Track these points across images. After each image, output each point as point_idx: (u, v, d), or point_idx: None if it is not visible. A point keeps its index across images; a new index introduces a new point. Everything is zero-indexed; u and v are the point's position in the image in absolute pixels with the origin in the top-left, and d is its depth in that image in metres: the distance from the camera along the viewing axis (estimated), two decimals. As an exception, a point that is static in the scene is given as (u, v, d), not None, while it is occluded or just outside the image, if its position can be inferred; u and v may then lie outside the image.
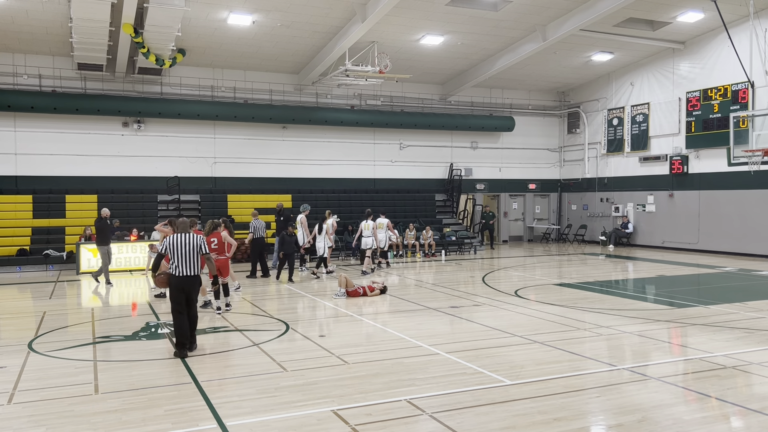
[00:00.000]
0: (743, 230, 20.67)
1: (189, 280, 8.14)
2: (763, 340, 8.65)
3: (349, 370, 7.27)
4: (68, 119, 20.65)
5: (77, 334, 9.55)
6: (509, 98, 27.29)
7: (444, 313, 11.04)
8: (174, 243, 8.16)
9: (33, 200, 19.94)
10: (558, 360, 7.65)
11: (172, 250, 8.14)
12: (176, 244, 8.15)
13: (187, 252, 8.13)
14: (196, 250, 8.22)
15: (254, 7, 17.60)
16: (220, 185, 22.67)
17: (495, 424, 5.50)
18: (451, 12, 18.62)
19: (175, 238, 8.20)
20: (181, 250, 8.11)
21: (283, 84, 23.39)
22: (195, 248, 8.21)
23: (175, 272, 8.10)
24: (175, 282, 8.12)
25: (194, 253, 8.19)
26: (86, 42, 17.71)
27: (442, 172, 26.43)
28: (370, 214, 17.60)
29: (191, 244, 8.20)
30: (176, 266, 8.07)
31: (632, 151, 24.92)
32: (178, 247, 8.13)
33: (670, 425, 5.48)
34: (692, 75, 22.29)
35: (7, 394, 6.44)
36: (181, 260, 8.07)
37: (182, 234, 8.31)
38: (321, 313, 11.22)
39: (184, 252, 8.12)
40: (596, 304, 11.67)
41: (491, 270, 17.54)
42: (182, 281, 8.11)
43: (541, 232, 28.34)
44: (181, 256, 8.09)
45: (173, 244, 8.16)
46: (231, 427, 5.43)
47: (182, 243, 8.15)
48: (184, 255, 8.09)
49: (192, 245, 8.20)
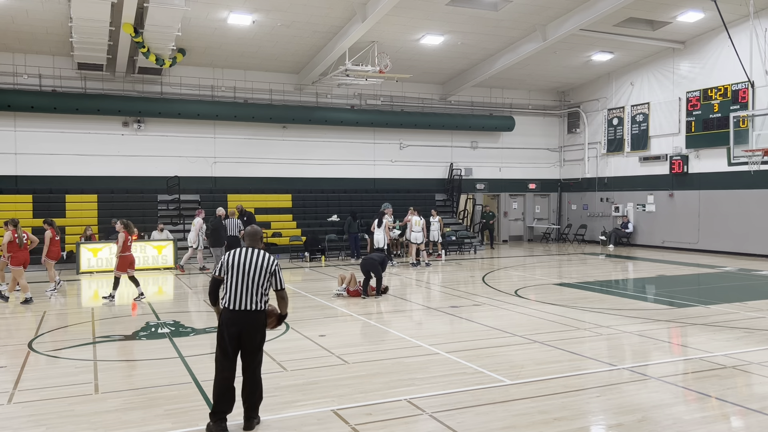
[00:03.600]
0: (743, 230, 20.67)
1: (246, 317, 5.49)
2: (763, 340, 8.65)
3: (349, 370, 7.26)
4: (68, 119, 20.66)
5: (77, 333, 9.55)
6: (509, 98, 27.29)
7: (444, 312, 11.04)
8: (232, 260, 5.58)
9: (33, 200, 19.95)
10: (558, 360, 7.65)
11: (228, 269, 5.57)
12: (236, 262, 5.56)
13: (248, 276, 5.51)
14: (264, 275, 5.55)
15: (254, 6, 17.60)
16: (220, 185, 22.67)
17: (495, 424, 5.50)
18: (451, 12, 18.62)
19: (237, 253, 5.64)
20: (241, 272, 5.51)
21: (283, 84, 23.39)
22: (262, 272, 5.54)
23: (228, 304, 5.53)
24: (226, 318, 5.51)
25: (258, 278, 5.52)
26: (86, 42, 17.71)
27: (442, 171, 26.43)
28: (417, 212, 18.75)
29: (258, 266, 5.55)
30: (230, 295, 5.51)
31: (632, 150, 24.92)
32: (237, 266, 5.54)
33: (670, 425, 5.48)
34: (692, 75, 22.29)
35: (7, 394, 6.43)
36: (238, 287, 5.49)
37: (248, 249, 5.68)
38: (321, 313, 11.22)
39: (245, 275, 5.50)
40: (596, 304, 11.67)
41: (491, 270, 17.54)
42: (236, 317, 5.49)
43: (541, 231, 28.34)
44: (238, 282, 5.49)
45: (231, 262, 5.57)
46: (231, 426, 5.42)
47: (244, 262, 5.56)
48: (243, 280, 5.49)
49: (259, 267, 5.55)
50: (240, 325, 5.42)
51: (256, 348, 5.51)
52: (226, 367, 5.43)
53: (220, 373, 5.43)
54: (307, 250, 20.38)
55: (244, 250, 5.60)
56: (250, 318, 5.45)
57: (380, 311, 11.40)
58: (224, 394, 5.39)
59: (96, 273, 17.08)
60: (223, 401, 5.38)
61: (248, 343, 5.47)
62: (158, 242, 18.20)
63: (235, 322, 5.42)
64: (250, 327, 5.45)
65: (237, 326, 5.42)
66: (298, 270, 17.82)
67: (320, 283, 15.23)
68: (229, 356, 5.43)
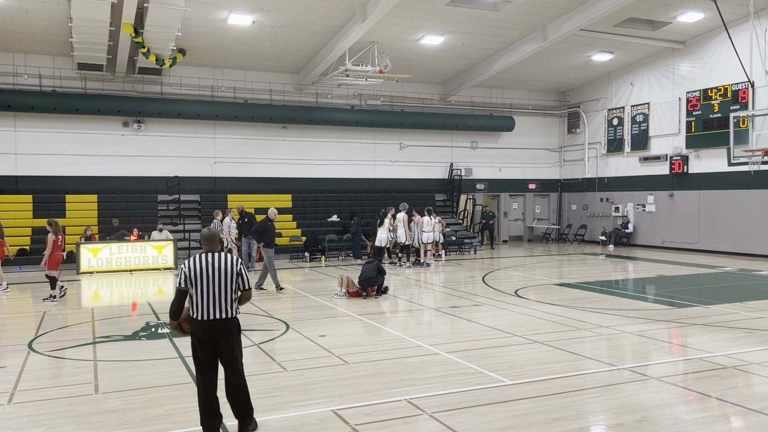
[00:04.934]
0: (743, 230, 20.67)
1: (218, 326, 5.25)
2: (763, 340, 8.65)
3: (349, 370, 7.26)
4: (68, 119, 20.66)
5: (77, 334, 9.55)
6: (509, 98, 27.29)
7: (444, 313, 11.04)
8: (195, 268, 5.25)
9: (33, 200, 19.97)
10: (558, 360, 7.65)
11: (193, 279, 5.24)
12: (199, 270, 5.25)
13: (215, 283, 5.24)
14: (230, 279, 5.30)
15: (254, 7, 17.60)
16: (220, 185, 22.67)
17: (495, 424, 5.50)
18: (451, 12, 18.62)
19: (197, 261, 5.31)
20: (206, 280, 5.24)
21: (283, 84, 23.40)
22: (228, 276, 5.29)
23: (196, 314, 5.26)
24: (198, 329, 5.26)
25: (226, 283, 5.27)
26: (86, 42, 17.72)
27: (442, 172, 26.43)
28: (432, 211, 18.81)
29: (222, 270, 5.29)
30: (199, 305, 5.23)
31: (632, 151, 24.92)
32: (201, 274, 5.25)
33: (670, 425, 5.48)
34: (692, 75, 22.29)
35: (7, 394, 6.43)
36: (207, 296, 5.21)
37: (207, 255, 5.37)
38: (321, 313, 11.22)
39: (211, 282, 5.24)
40: (596, 304, 11.67)
41: (491, 270, 17.54)
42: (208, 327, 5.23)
43: (541, 232, 28.34)
44: (205, 290, 5.22)
45: (194, 271, 5.25)
46: (231, 426, 5.43)
47: (208, 269, 5.27)
48: (210, 288, 5.22)
49: (224, 271, 5.29)
50: (213, 335, 5.19)
51: (235, 356, 5.30)
52: (207, 380, 5.23)
53: (202, 386, 5.22)
54: (307, 251, 20.38)
55: (204, 256, 5.29)
56: (223, 326, 5.22)
57: (380, 311, 11.40)
58: (209, 408, 5.21)
59: (96, 273, 17.09)
60: (210, 415, 5.20)
61: (226, 352, 5.25)
62: (158, 242, 18.21)
63: (208, 333, 5.18)
64: (224, 335, 5.22)
65: (210, 337, 5.19)
66: (298, 270, 17.82)
67: (320, 283, 15.23)
68: (206, 369, 5.22)
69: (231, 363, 5.29)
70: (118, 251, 17.58)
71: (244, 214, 18.51)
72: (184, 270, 5.25)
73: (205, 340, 5.20)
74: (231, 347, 5.28)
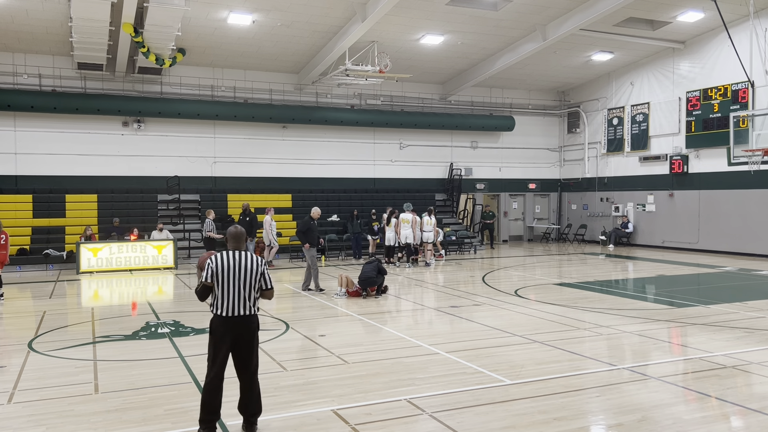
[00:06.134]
0: (743, 230, 20.67)
1: (241, 322, 5.36)
2: (763, 340, 8.65)
3: (349, 370, 7.27)
4: (68, 119, 20.66)
5: (77, 333, 9.55)
6: (509, 98, 27.29)
7: (444, 312, 11.04)
8: (222, 265, 5.37)
9: (33, 200, 19.97)
10: (558, 359, 7.65)
11: (219, 276, 5.34)
12: (225, 267, 5.36)
13: (240, 280, 5.36)
14: (254, 278, 5.43)
15: (254, 6, 17.59)
16: (220, 185, 22.67)
17: (495, 424, 5.50)
18: (451, 12, 18.62)
19: (224, 258, 5.41)
20: (232, 277, 5.34)
21: (283, 84, 23.39)
22: (252, 275, 5.42)
23: (219, 311, 5.35)
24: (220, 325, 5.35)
25: (250, 281, 5.40)
26: (86, 41, 17.71)
27: (442, 171, 26.43)
28: (432, 212, 19.05)
29: (247, 269, 5.41)
30: (223, 302, 5.33)
31: (632, 150, 24.92)
32: (228, 271, 5.35)
33: (670, 425, 5.48)
34: (692, 75, 22.29)
35: (7, 394, 6.43)
36: (231, 293, 5.32)
37: (234, 253, 5.48)
38: (321, 313, 11.22)
39: (236, 280, 5.34)
40: (596, 304, 11.67)
41: (491, 270, 17.54)
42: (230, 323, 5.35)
43: (541, 231, 28.34)
44: (231, 287, 5.33)
45: (221, 267, 5.35)
46: (231, 426, 5.43)
47: (234, 266, 5.38)
48: (235, 285, 5.33)
49: (249, 270, 5.41)
50: (235, 331, 5.31)
51: (255, 352, 5.44)
52: (217, 373, 5.30)
53: (214, 381, 5.29)
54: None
55: (231, 254, 5.41)
56: (245, 322, 5.35)
57: (380, 311, 11.40)
58: (213, 404, 5.25)
59: (96, 273, 17.09)
60: (211, 412, 5.24)
61: (245, 349, 5.37)
62: (158, 242, 18.20)
63: (229, 329, 5.30)
64: (245, 332, 5.35)
65: (232, 333, 5.30)
66: (298, 270, 17.81)
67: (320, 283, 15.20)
68: (219, 366, 5.31)
69: (249, 359, 5.40)
70: (118, 251, 17.58)
71: (247, 212, 18.34)
72: (212, 266, 5.35)
73: (226, 335, 5.30)
74: (251, 343, 5.42)
